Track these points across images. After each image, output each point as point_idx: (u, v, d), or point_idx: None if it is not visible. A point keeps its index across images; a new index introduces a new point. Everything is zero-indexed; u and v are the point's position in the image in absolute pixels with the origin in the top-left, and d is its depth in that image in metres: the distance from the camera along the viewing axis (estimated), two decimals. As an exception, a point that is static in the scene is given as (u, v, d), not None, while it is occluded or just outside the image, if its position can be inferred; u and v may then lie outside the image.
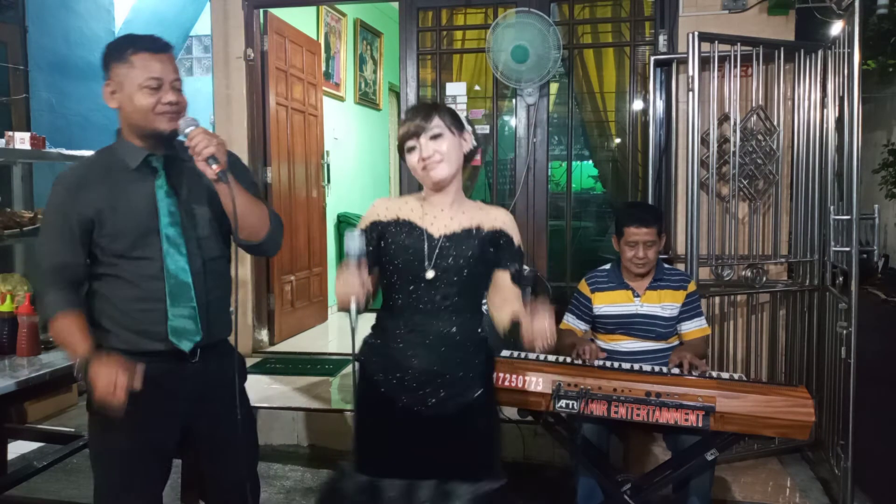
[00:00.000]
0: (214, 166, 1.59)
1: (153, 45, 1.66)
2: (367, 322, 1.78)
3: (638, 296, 2.54)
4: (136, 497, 1.75)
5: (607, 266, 2.64)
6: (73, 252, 1.68)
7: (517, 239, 1.78)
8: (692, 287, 2.57)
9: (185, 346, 1.70)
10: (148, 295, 1.68)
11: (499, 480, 1.73)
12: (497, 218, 1.77)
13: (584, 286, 2.64)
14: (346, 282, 1.58)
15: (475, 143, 1.80)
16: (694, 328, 2.54)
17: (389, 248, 1.72)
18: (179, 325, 1.69)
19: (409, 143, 1.71)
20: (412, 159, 1.71)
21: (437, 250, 1.69)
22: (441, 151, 1.69)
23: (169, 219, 1.69)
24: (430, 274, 1.68)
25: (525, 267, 3.47)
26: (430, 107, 1.75)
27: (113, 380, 1.53)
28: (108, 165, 1.71)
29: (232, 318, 1.86)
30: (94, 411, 1.73)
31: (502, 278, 1.74)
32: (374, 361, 1.75)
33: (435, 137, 1.69)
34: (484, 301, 1.82)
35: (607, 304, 2.57)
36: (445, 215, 1.73)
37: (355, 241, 1.59)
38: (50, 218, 1.71)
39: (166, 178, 1.71)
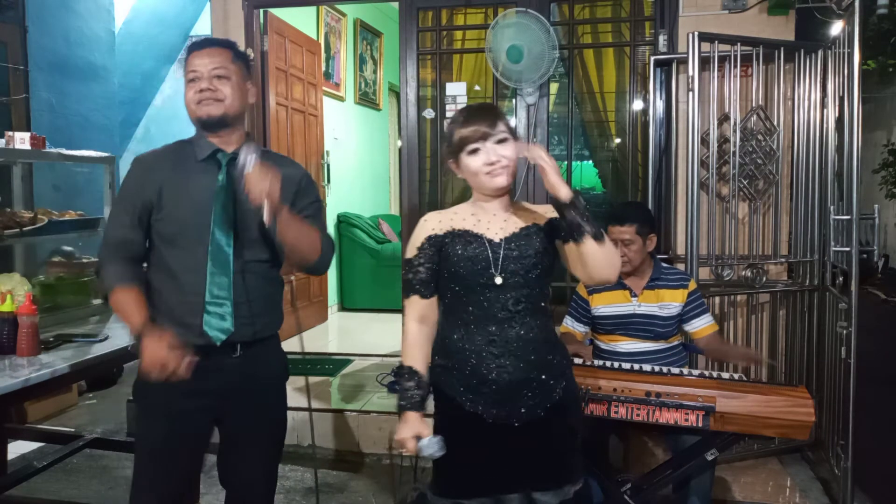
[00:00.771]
0: (266, 214, 1.63)
1: (195, 45, 1.80)
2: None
3: (635, 295, 2.54)
4: (161, 485, 1.79)
5: (607, 266, 2.64)
6: (133, 229, 1.77)
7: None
8: (693, 285, 2.57)
9: (217, 338, 1.74)
10: (187, 288, 1.73)
11: (579, 482, 1.71)
12: (547, 211, 1.73)
13: (581, 288, 2.64)
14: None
15: None
16: (704, 325, 2.53)
17: (451, 260, 1.67)
18: (213, 318, 1.73)
19: (473, 146, 1.65)
20: (475, 162, 1.66)
21: (501, 254, 1.66)
22: (508, 157, 1.65)
23: (222, 215, 1.74)
24: (499, 280, 1.64)
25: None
26: (493, 110, 1.71)
27: (158, 360, 1.60)
28: (181, 154, 1.82)
29: (279, 319, 1.90)
30: (135, 397, 1.83)
31: (570, 247, 1.62)
32: (454, 382, 1.68)
33: (501, 142, 1.65)
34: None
35: (605, 304, 2.57)
36: (499, 219, 1.70)
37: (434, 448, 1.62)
38: (121, 193, 1.83)
39: (227, 175, 1.77)
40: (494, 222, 1.70)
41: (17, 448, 3.27)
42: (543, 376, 1.67)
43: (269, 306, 1.84)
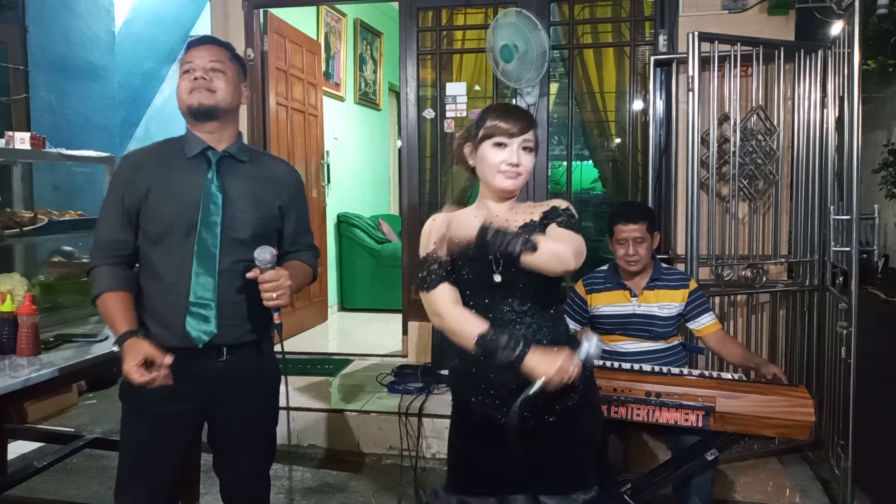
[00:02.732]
0: (276, 315, 1.71)
1: (195, 41, 1.82)
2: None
3: (635, 296, 2.54)
4: (143, 487, 1.78)
5: (605, 267, 2.65)
6: (124, 229, 1.76)
7: (570, 208, 1.69)
8: (693, 285, 2.57)
9: (199, 340, 1.71)
10: (172, 289, 1.71)
11: (590, 490, 1.67)
12: (550, 203, 1.70)
13: (579, 287, 2.64)
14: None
15: None
16: (708, 322, 2.54)
17: (456, 262, 1.65)
18: (196, 319, 1.71)
19: (502, 140, 1.63)
20: (496, 156, 1.64)
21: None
22: (526, 166, 1.65)
23: (210, 213, 1.72)
24: (497, 278, 1.62)
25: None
26: (532, 118, 1.69)
27: (133, 365, 1.60)
28: (170, 151, 1.80)
29: (272, 321, 1.82)
30: (123, 399, 1.81)
31: (549, 229, 1.61)
32: (465, 384, 1.69)
33: (527, 149, 1.65)
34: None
35: (604, 304, 2.57)
36: (501, 220, 1.66)
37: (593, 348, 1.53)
38: (110, 191, 1.81)
39: (217, 173, 1.75)
40: (496, 222, 1.66)
41: (17, 448, 3.27)
42: None
43: (258, 309, 1.74)
